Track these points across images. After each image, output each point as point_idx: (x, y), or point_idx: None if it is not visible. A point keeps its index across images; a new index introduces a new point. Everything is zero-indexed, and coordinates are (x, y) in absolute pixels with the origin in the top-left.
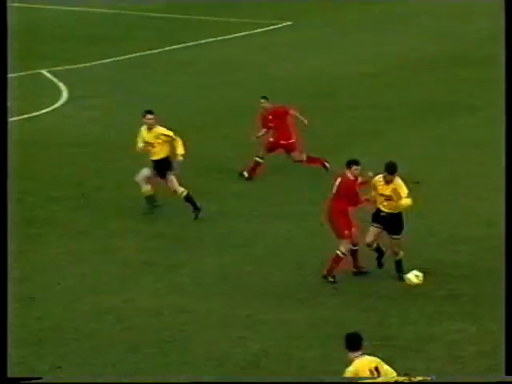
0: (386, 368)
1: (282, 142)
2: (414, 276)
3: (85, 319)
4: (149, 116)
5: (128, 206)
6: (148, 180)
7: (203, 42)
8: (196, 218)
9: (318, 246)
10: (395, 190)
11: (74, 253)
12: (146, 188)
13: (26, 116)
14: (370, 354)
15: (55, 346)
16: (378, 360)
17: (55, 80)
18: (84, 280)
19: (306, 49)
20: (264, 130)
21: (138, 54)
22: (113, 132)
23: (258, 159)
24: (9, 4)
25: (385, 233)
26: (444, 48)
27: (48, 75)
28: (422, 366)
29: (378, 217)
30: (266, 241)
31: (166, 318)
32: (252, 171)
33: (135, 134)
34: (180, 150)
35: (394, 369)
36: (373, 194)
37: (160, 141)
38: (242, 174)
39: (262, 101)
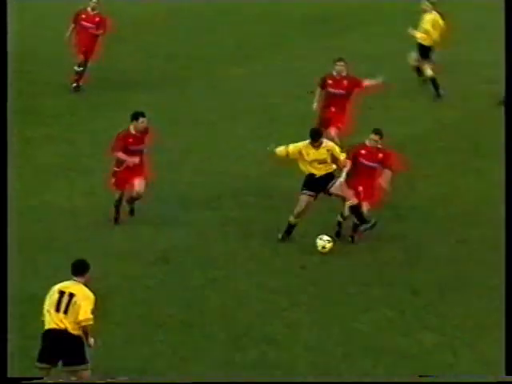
0: (82, 309)
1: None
2: (325, 242)
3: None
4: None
5: (44, 114)
6: None
7: None
8: None
9: (221, 152)
10: (329, 152)
11: None
12: None
13: None
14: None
15: None
16: (87, 295)
17: None
18: None
19: None
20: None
21: None
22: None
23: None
24: None
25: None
26: None
27: None
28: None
29: (312, 182)
30: (178, 146)
31: (80, 219)
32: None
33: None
34: None
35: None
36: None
37: None
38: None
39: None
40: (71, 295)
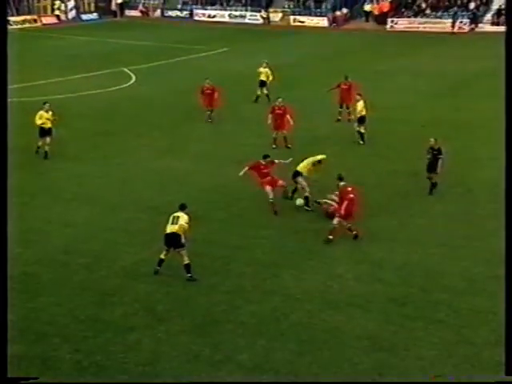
0: (183, 221)
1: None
2: (300, 201)
3: None
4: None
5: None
6: None
7: (194, 56)
8: None
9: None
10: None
11: None
12: None
13: (113, 88)
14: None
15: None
16: (185, 216)
17: (130, 72)
18: None
19: (229, 60)
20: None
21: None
22: (159, 98)
23: None
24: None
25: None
26: None
27: (126, 70)
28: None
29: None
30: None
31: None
32: None
33: (181, 95)
34: None
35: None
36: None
37: None
38: None
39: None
40: (178, 217)
